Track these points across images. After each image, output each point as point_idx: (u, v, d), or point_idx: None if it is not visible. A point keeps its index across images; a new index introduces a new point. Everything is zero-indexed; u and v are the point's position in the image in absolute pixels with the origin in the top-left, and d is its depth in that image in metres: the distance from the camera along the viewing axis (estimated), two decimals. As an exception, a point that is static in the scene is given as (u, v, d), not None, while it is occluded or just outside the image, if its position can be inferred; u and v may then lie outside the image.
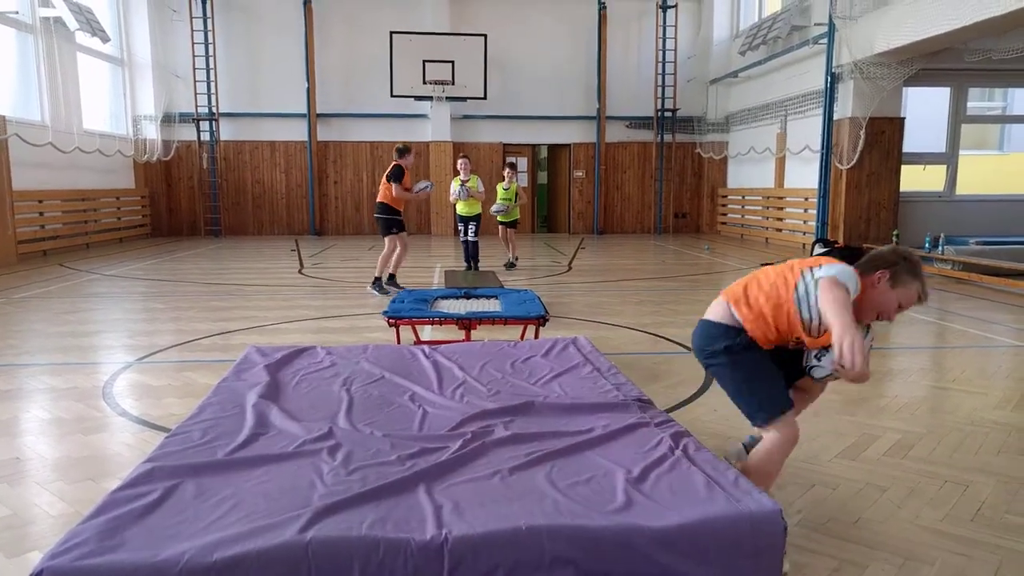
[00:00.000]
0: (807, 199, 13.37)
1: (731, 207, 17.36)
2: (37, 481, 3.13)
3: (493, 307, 5.32)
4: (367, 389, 3.18)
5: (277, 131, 17.11)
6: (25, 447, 3.54)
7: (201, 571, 1.72)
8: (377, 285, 8.27)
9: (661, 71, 17.50)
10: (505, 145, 17.73)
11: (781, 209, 14.76)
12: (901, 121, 12.03)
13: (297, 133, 17.07)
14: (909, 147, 12.20)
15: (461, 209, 10.11)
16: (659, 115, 17.68)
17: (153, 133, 16.21)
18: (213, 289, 8.77)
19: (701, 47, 17.57)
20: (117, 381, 4.70)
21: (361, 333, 6.14)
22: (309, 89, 16.73)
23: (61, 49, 12.96)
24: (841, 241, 11.64)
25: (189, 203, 17.13)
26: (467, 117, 17.40)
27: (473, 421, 2.75)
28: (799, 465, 3.27)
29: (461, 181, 9.91)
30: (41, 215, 12.46)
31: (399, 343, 4.68)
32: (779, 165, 14.67)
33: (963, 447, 3.55)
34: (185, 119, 16.56)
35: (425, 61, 16.05)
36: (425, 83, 16.16)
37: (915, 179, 12.57)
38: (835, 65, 11.97)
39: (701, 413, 4.06)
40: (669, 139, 17.91)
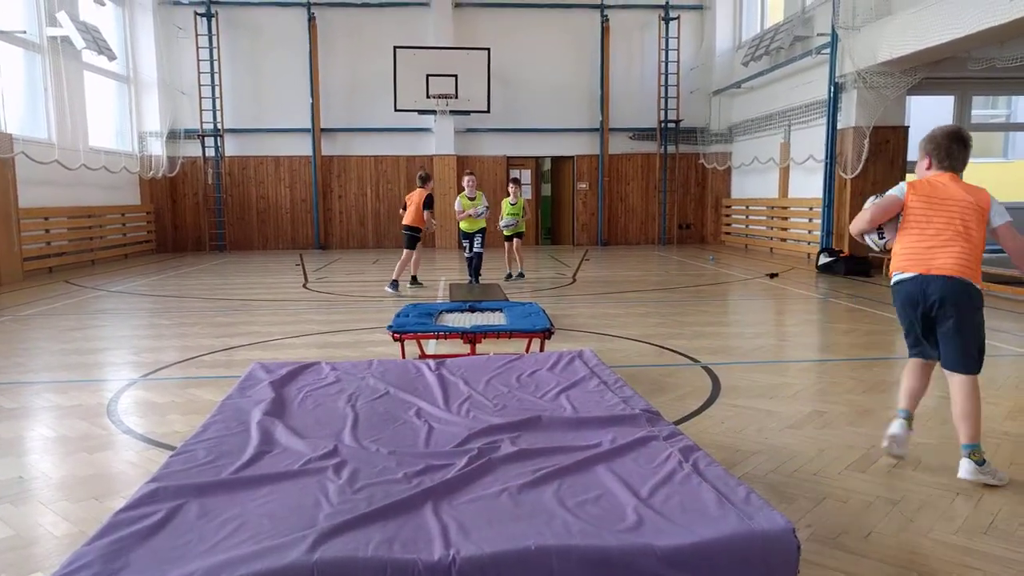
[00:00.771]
0: (811, 209, 13.35)
1: (735, 217, 17.35)
2: (41, 501, 3.11)
3: (498, 320, 5.31)
4: (372, 405, 3.17)
5: (281, 146, 17.19)
6: (29, 466, 3.53)
7: (206, 594, 1.70)
8: (394, 285, 9.52)
9: (664, 82, 17.54)
10: (509, 158, 17.77)
11: (785, 219, 14.73)
12: (905, 130, 12.02)
13: (301, 148, 17.15)
14: (913, 156, 12.13)
15: (464, 225, 10.18)
16: (662, 126, 17.70)
17: (158, 149, 16.28)
18: (218, 305, 8.77)
19: (704, 58, 17.60)
20: (122, 398, 4.69)
21: (366, 348, 6.13)
22: (313, 104, 16.81)
23: (68, 68, 13.07)
24: (846, 251, 11.63)
25: (194, 219, 17.19)
26: (471, 130, 17.45)
27: (479, 437, 2.73)
28: (809, 478, 3.24)
29: (468, 199, 10.00)
30: (47, 232, 12.51)
31: (404, 357, 4.67)
32: (783, 175, 14.66)
33: (975, 459, 3.50)
34: (190, 135, 16.65)
35: (428, 75, 16.12)
36: (429, 97, 16.22)
37: (920, 188, 12.51)
38: (838, 75, 11.98)
39: (709, 425, 4.03)
40: (673, 150, 17.92)
